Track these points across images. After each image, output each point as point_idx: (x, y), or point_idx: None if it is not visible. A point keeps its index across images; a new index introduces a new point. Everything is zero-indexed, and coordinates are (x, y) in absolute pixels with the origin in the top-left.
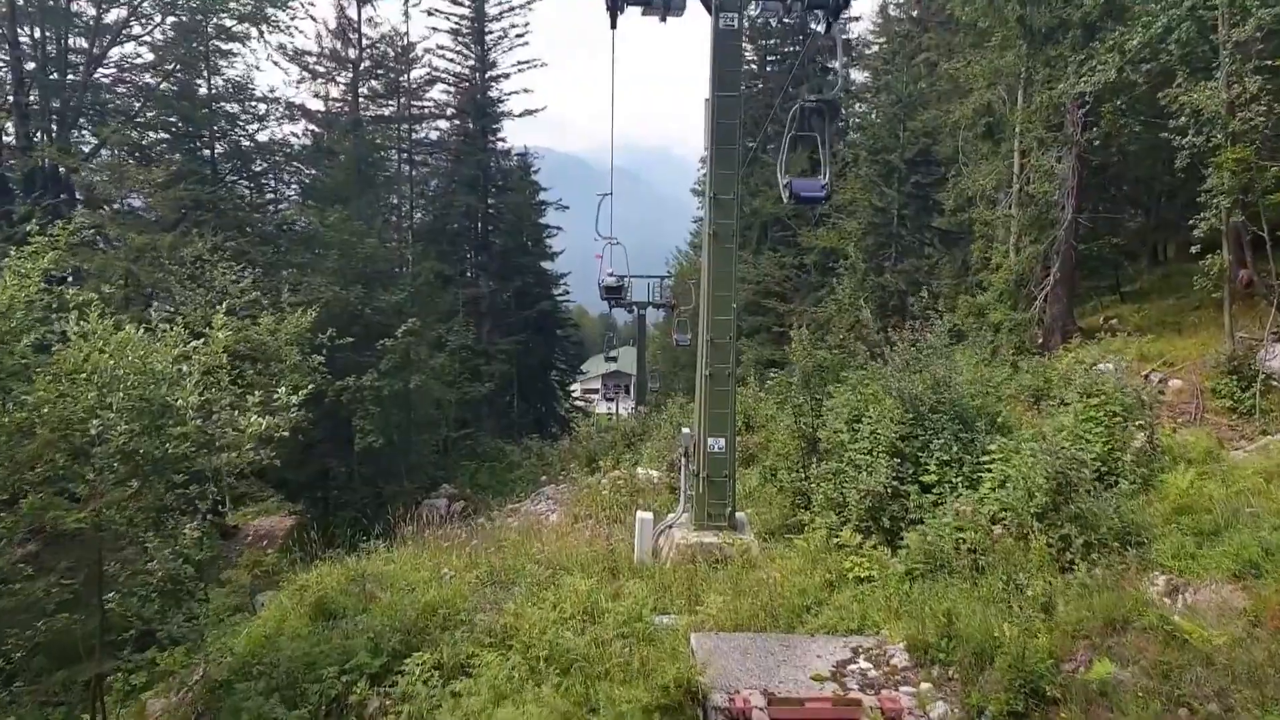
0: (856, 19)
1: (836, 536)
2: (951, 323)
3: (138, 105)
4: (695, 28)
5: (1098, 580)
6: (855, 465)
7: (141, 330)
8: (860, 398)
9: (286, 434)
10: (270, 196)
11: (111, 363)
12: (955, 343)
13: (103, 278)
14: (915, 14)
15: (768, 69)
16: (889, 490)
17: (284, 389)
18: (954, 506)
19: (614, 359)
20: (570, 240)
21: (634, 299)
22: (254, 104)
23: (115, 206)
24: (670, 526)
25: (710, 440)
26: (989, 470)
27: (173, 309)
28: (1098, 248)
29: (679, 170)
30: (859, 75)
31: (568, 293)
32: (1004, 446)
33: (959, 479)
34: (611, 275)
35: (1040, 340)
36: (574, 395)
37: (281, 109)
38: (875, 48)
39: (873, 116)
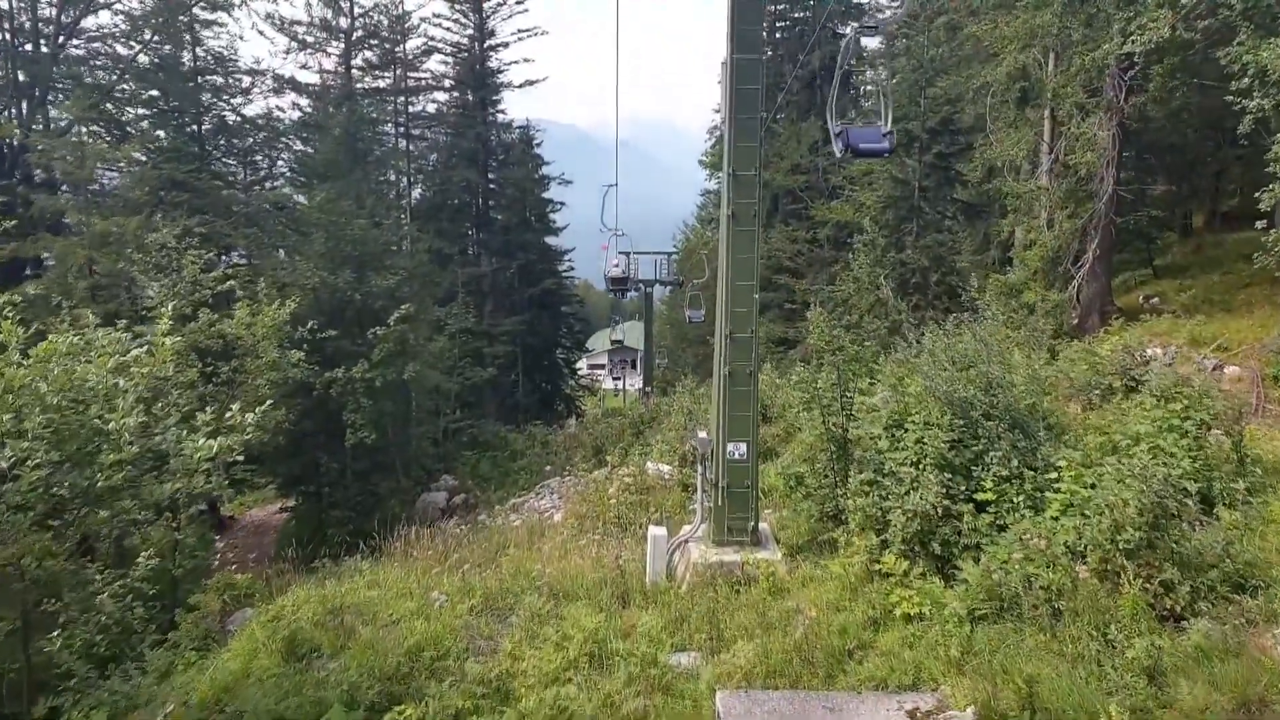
0: None
1: (878, 562)
2: (986, 307)
3: (113, 79)
4: None
5: (1215, 640)
6: (897, 478)
7: (72, 337)
8: (900, 398)
9: (241, 458)
10: (262, 174)
11: (30, 379)
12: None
13: (64, 266)
14: None
15: (777, 35)
16: (939, 511)
17: (237, 406)
18: (1020, 533)
19: (620, 341)
20: (575, 214)
21: (640, 276)
22: (238, 76)
23: (91, 188)
24: (686, 541)
25: (730, 446)
26: (1056, 489)
27: (136, 301)
28: (1134, 220)
29: (683, 140)
30: (871, 41)
31: (572, 268)
32: (1071, 460)
33: (1020, 498)
34: (617, 266)
35: (1075, 321)
36: (580, 373)
37: (269, 82)
38: (888, 12)
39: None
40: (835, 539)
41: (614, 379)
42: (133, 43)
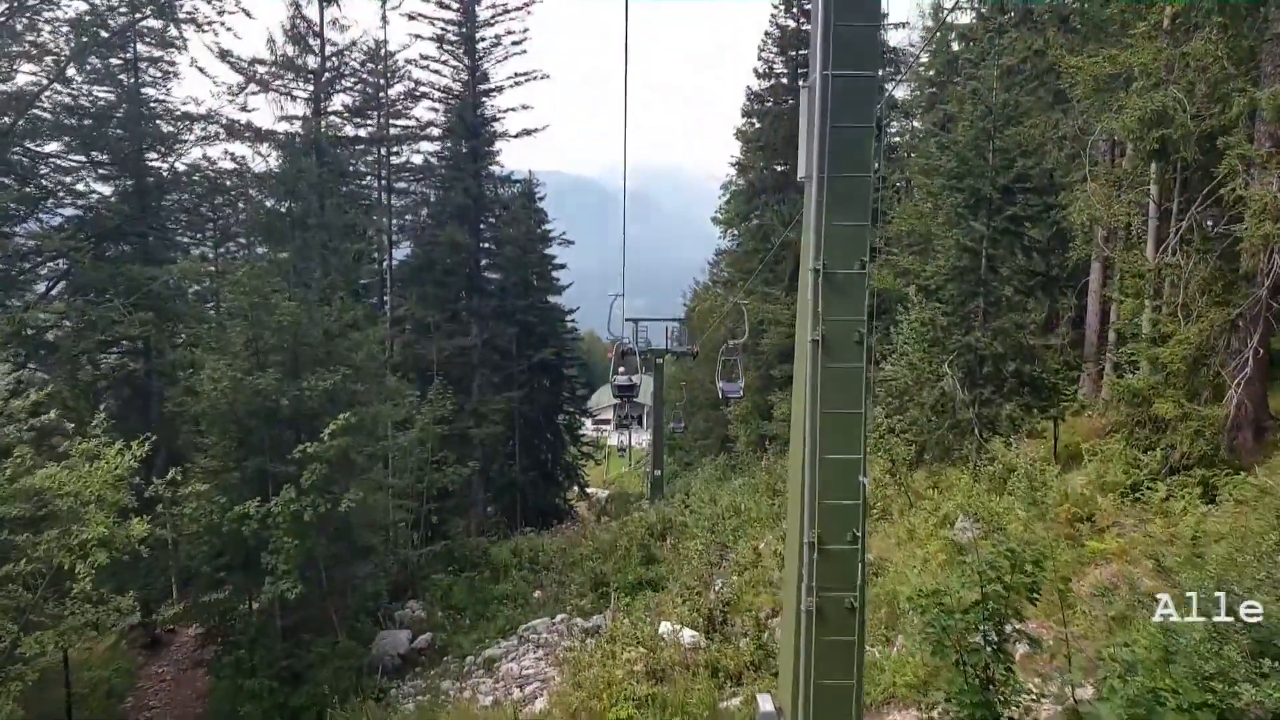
0: (903, 25)
1: None
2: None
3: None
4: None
5: None
6: None
7: None
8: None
9: None
10: (209, 238)
11: None
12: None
13: None
14: (983, 10)
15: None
16: None
17: None
18: None
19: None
20: (579, 262)
21: (650, 346)
22: (177, 122)
23: None
24: None
25: None
26: None
27: None
28: None
29: (690, 190)
30: (900, 92)
31: (575, 327)
32: None
33: None
34: (623, 374)
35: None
36: (582, 438)
37: (215, 128)
38: (925, 57)
39: (933, 134)
40: None
41: (620, 451)
42: (45, 79)
